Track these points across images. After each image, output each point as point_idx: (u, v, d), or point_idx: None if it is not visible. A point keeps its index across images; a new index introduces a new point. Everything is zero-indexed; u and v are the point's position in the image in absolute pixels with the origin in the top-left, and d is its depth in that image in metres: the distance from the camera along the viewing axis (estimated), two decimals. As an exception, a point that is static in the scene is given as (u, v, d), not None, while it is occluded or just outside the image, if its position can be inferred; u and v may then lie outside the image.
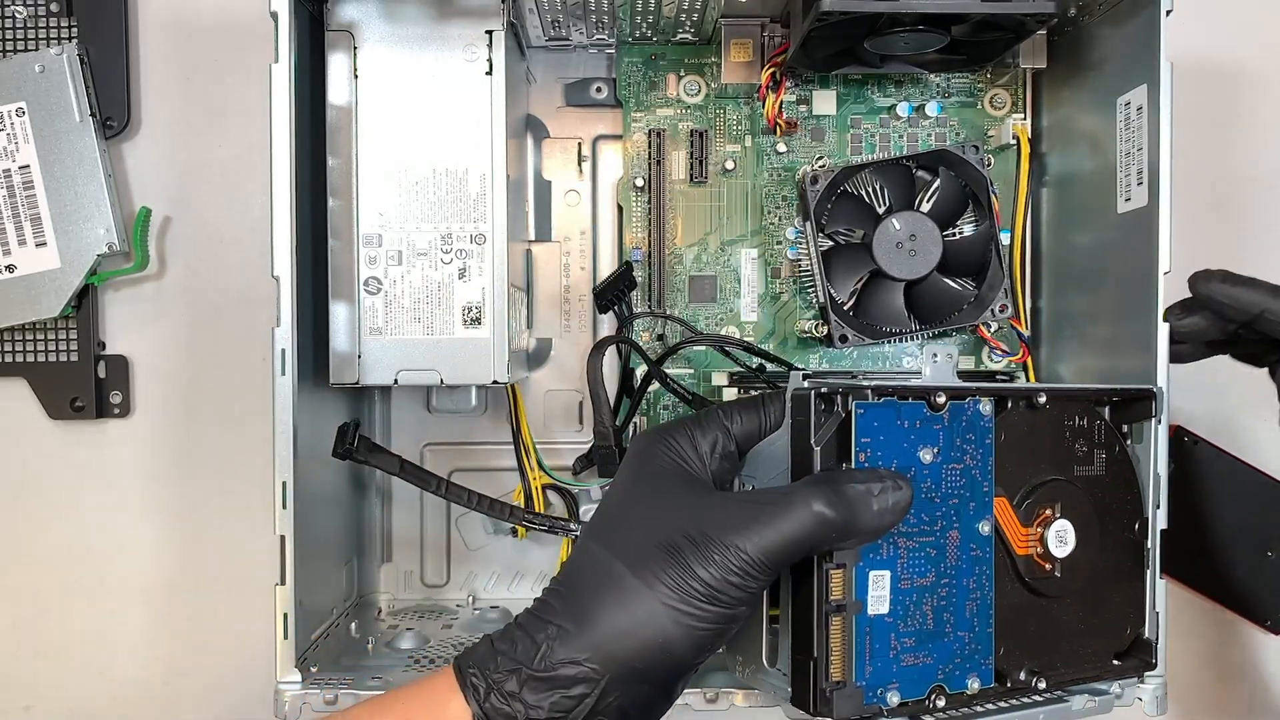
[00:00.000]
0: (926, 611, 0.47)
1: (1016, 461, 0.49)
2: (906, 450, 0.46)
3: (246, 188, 0.72)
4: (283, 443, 0.54)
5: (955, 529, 0.47)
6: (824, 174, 0.65)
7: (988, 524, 0.48)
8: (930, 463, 0.47)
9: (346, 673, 0.57)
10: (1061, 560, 0.50)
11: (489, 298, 0.60)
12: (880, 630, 0.46)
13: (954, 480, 0.47)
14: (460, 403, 0.72)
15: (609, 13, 0.63)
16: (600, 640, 0.44)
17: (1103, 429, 0.53)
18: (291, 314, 0.54)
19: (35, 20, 0.70)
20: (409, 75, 0.60)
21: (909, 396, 0.46)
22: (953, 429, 0.47)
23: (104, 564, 0.72)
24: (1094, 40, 0.63)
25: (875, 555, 0.46)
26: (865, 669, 0.45)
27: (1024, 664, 0.50)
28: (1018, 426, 0.50)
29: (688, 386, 0.67)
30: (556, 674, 0.44)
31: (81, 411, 0.71)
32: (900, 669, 0.46)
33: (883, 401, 0.46)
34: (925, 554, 0.47)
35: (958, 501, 0.48)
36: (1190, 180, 0.71)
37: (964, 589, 0.48)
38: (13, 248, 0.69)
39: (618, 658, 0.44)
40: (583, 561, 0.47)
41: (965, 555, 0.48)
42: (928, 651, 0.47)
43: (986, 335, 0.69)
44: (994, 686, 0.49)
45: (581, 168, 0.72)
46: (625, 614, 0.44)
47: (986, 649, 0.48)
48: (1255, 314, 0.53)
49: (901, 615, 0.46)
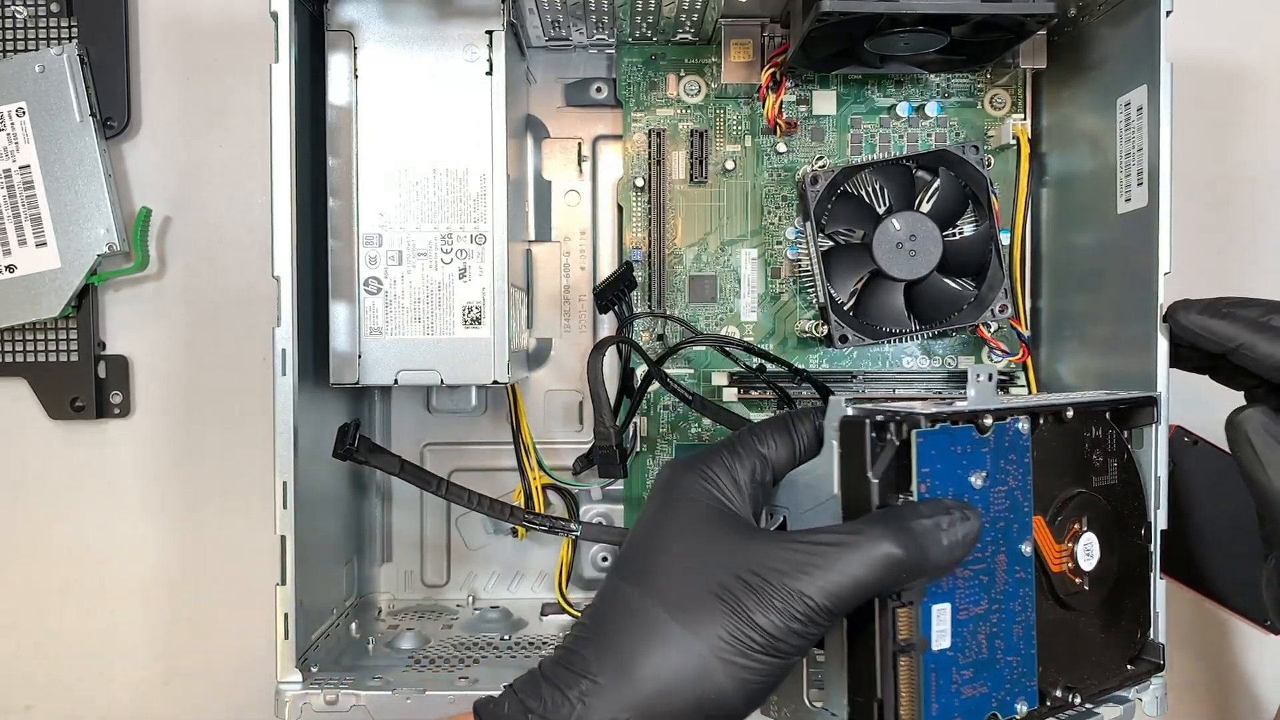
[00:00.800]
0: (981, 640, 0.45)
1: (1046, 478, 0.48)
2: (959, 477, 0.44)
3: (246, 188, 0.72)
4: (283, 443, 0.54)
5: (1003, 553, 0.46)
6: (824, 174, 0.65)
7: (1029, 544, 0.47)
8: (981, 487, 0.45)
9: (347, 673, 0.57)
10: (1089, 574, 0.50)
11: (489, 298, 0.60)
12: (944, 665, 0.44)
13: (1000, 503, 0.46)
14: (460, 403, 0.72)
15: (609, 13, 0.63)
16: (645, 697, 0.40)
17: (1114, 437, 0.52)
18: (292, 314, 0.54)
19: (35, 20, 0.70)
20: (409, 75, 0.60)
21: (959, 421, 0.44)
22: (997, 451, 0.46)
23: (104, 564, 0.72)
24: (1094, 40, 0.63)
25: (936, 589, 0.44)
26: (932, 706, 0.44)
27: (1059, 680, 0.49)
28: (1047, 442, 0.48)
29: (688, 386, 0.67)
30: None
31: (81, 411, 0.71)
32: (961, 701, 0.45)
33: (939, 428, 0.43)
34: (979, 581, 0.45)
35: (1004, 525, 0.46)
36: (1190, 180, 0.71)
37: (1011, 612, 0.46)
38: (13, 248, 0.69)
39: (665, 715, 0.40)
40: (616, 606, 0.43)
41: (1011, 578, 0.46)
42: (983, 681, 0.45)
43: (986, 335, 0.69)
44: (1038, 708, 0.48)
45: (581, 168, 0.72)
46: (671, 667, 0.40)
47: (1030, 671, 0.47)
48: (1231, 348, 0.52)
49: (960, 647, 0.44)
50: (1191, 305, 0.54)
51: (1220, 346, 0.52)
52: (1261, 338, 0.52)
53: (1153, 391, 0.54)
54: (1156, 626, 0.54)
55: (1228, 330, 0.52)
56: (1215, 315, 0.53)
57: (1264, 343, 0.52)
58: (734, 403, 0.68)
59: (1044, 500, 0.48)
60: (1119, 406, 0.53)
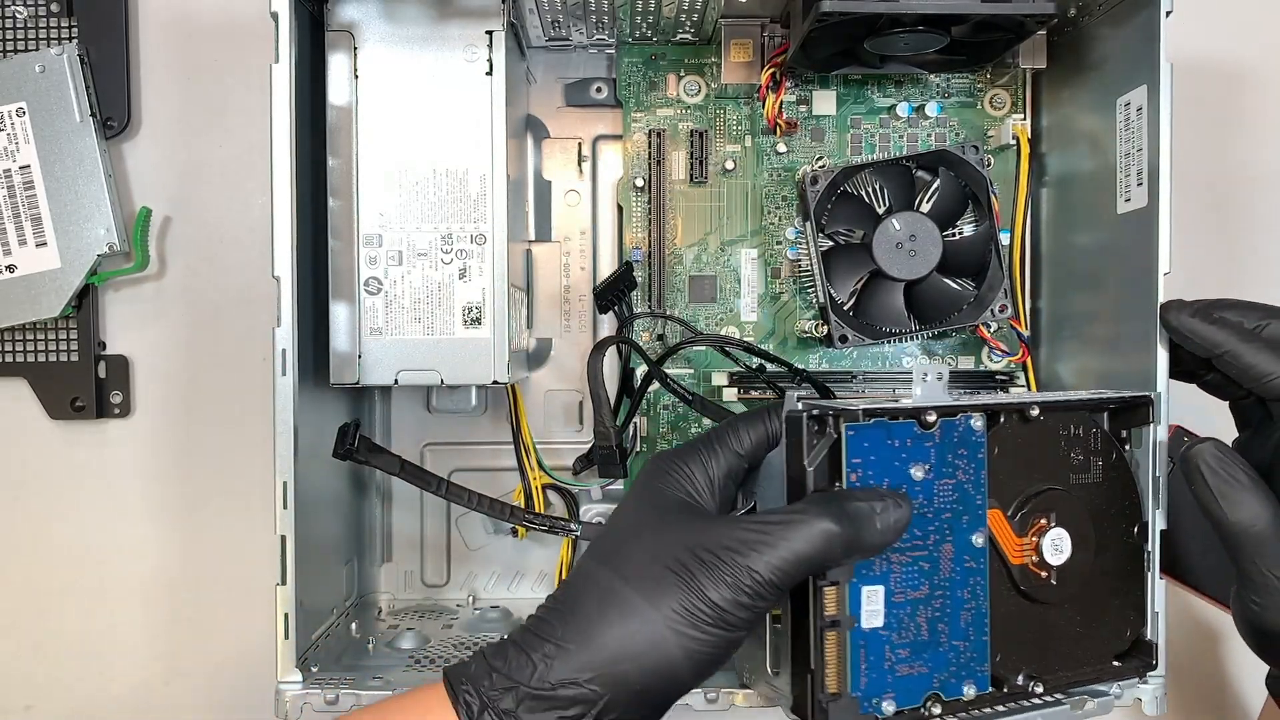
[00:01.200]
0: (921, 623, 0.48)
1: (1010, 473, 0.50)
2: (898, 469, 0.47)
3: (246, 188, 0.72)
4: (283, 443, 0.54)
5: (949, 542, 0.48)
6: (824, 174, 0.65)
7: (981, 536, 0.49)
8: (922, 479, 0.48)
9: (347, 672, 0.57)
10: (1058, 568, 0.51)
11: (489, 298, 0.60)
12: (875, 643, 0.47)
13: (946, 495, 0.48)
14: (460, 403, 0.72)
15: (609, 13, 0.64)
16: (602, 661, 0.44)
17: (1099, 436, 0.53)
18: (292, 314, 0.54)
19: (35, 20, 0.70)
20: (409, 75, 0.60)
21: (899, 416, 0.47)
22: (944, 445, 0.48)
23: (104, 564, 0.72)
24: (1094, 40, 0.63)
25: (869, 571, 0.47)
26: (860, 680, 0.47)
27: (1021, 669, 0.50)
28: (1011, 439, 0.50)
29: (688, 386, 0.67)
30: (556, 694, 0.43)
31: (82, 411, 0.71)
32: (896, 679, 0.47)
33: (873, 422, 0.46)
34: (919, 568, 0.48)
35: (950, 516, 0.48)
36: (1190, 180, 0.71)
37: (958, 599, 0.49)
38: (13, 248, 0.69)
39: (619, 679, 0.43)
40: (584, 581, 0.46)
41: (959, 567, 0.49)
42: (923, 661, 0.48)
43: (986, 335, 0.69)
44: (991, 692, 0.50)
45: (581, 168, 0.72)
46: (629, 634, 0.44)
47: (982, 656, 0.49)
48: (1217, 354, 0.52)
49: (896, 628, 0.47)
50: (1184, 306, 0.53)
51: (1206, 351, 0.52)
52: (1248, 347, 0.51)
53: (1152, 391, 0.54)
54: (1156, 626, 0.54)
55: (1214, 335, 0.52)
56: (1205, 319, 0.52)
57: (1250, 352, 0.51)
58: (734, 403, 0.69)
59: (1006, 494, 0.50)
60: (1109, 406, 0.54)
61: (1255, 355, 0.51)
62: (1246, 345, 0.51)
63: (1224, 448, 0.50)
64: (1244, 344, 0.51)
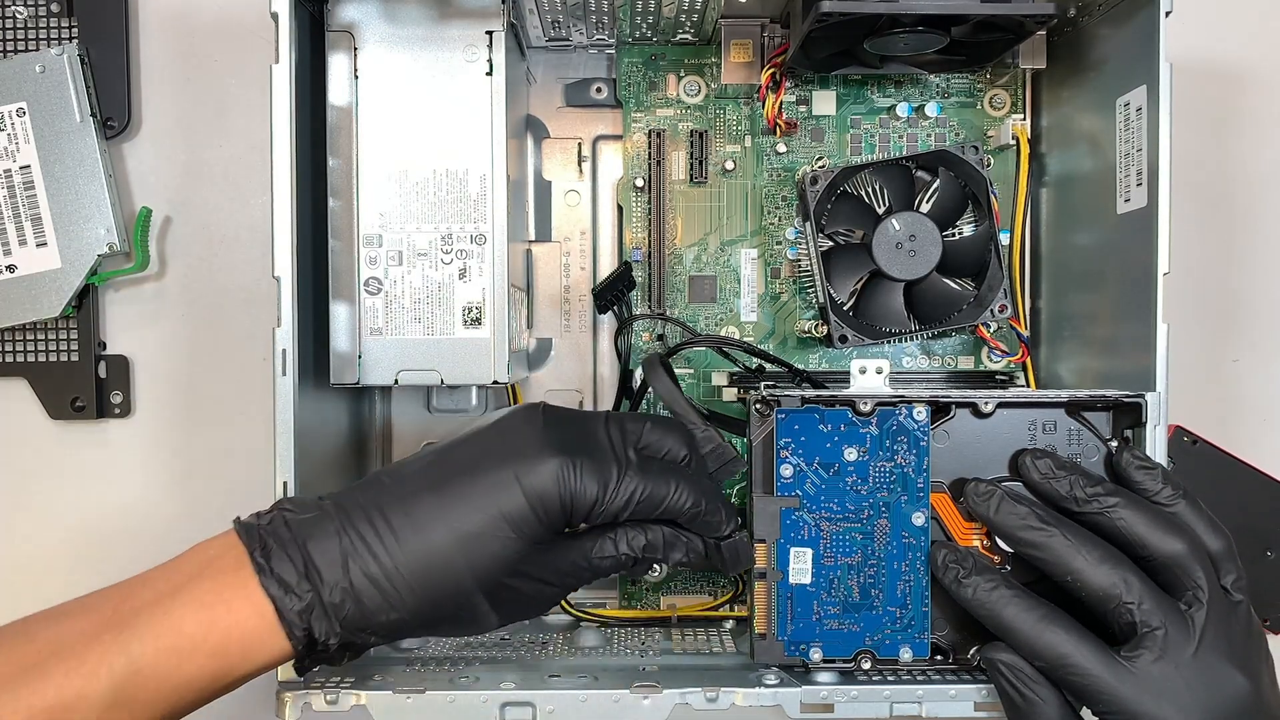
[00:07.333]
0: (852, 586, 0.54)
1: (960, 462, 0.55)
2: (830, 449, 0.54)
3: (247, 188, 0.72)
4: (283, 443, 0.54)
5: (885, 518, 0.54)
6: (824, 174, 0.65)
7: (922, 516, 0.54)
8: (856, 460, 0.54)
9: (347, 673, 0.57)
10: (1010, 554, 0.54)
11: (489, 298, 0.60)
12: (802, 597, 0.54)
13: (883, 476, 0.54)
14: (460, 403, 0.72)
15: (609, 13, 0.64)
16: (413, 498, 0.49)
17: (1079, 433, 0.55)
18: (292, 314, 0.54)
19: (35, 20, 0.70)
20: (409, 76, 0.60)
21: (834, 404, 0.54)
22: (882, 432, 0.54)
23: (104, 564, 0.72)
24: (1093, 41, 0.63)
25: (798, 535, 0.54)
26: (787, 627, 0.54)
27: (973, 643, 0.54)
28: (966, 431, 0.56)
29: (687, 387, 0.67)
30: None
31: (82, 411, 0.71)
32: (824, 631, 0.54)
33: (805, 408, 0.54)
34: (851, 537, 0.54)
35: (887, 494, 0.54)
36: (1190, 180, 0.71)
37: (895, 571, 0.54)
38: (13, 248, 0.69)
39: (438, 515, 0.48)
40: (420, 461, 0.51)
41: (896, 542, 0.54)
42: (854, 620, 0.54)
43: (986, 335, 0.69)
44: (937, 660, 0.55)
45: (581, 168, 0.72)
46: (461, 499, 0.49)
47: (920, 625, 0.55)
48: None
49: (825, 586, 0.54)
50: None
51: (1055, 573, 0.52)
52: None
53: (1151, 391, 0.54)
54: None
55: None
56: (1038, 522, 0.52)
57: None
58: (734, 403, 0.69)
59: (957, 481, 0.55)
60: (1086, 406, 0.55)
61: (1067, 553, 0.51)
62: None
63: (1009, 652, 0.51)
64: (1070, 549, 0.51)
